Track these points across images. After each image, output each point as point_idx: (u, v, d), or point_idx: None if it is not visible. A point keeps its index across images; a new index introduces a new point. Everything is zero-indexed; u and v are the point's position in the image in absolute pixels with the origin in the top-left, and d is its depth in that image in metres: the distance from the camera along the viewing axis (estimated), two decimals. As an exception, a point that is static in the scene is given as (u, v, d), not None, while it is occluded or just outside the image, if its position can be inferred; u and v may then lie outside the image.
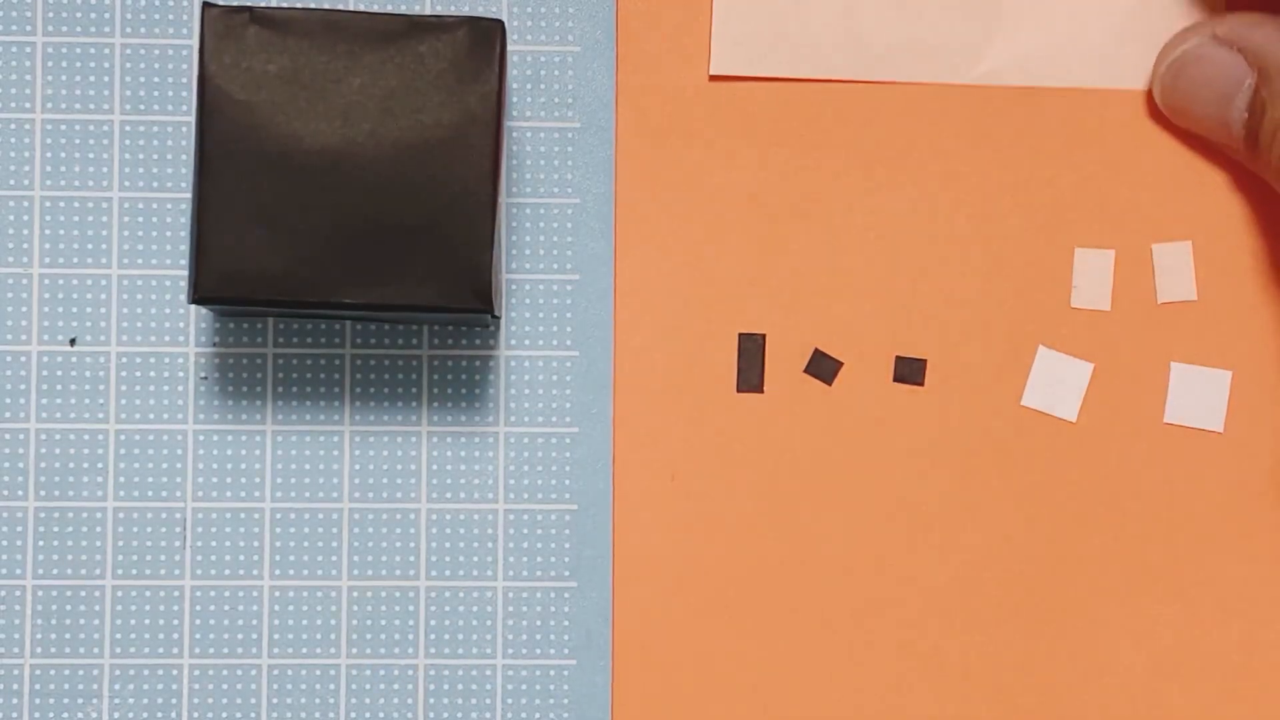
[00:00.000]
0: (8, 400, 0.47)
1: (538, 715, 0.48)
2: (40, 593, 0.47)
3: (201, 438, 0.48)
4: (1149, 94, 0.49)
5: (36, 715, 0.47)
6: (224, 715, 0.47)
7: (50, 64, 0.48)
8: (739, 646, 0.48)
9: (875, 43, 0.48)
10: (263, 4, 0.45)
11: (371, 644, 0.47)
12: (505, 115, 0.45)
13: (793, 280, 0.49)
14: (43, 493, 0.47)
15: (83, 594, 0.47)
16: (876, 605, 0.48)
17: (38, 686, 0.47)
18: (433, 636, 0.47)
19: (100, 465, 0.47)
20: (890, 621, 0.48)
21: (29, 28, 0.48)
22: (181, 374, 0.48)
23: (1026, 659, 0.49)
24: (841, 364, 0.49)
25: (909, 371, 0.49)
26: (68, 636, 0.47)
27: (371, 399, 0.48)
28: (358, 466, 0.48)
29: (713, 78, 0.47)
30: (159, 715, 0.47)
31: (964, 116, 0.49)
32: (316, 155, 0.44)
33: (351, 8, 0.49)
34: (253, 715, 0.47)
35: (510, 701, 0.47)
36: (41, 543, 0.47)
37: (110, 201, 0.48)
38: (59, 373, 0.48)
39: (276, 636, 0.47)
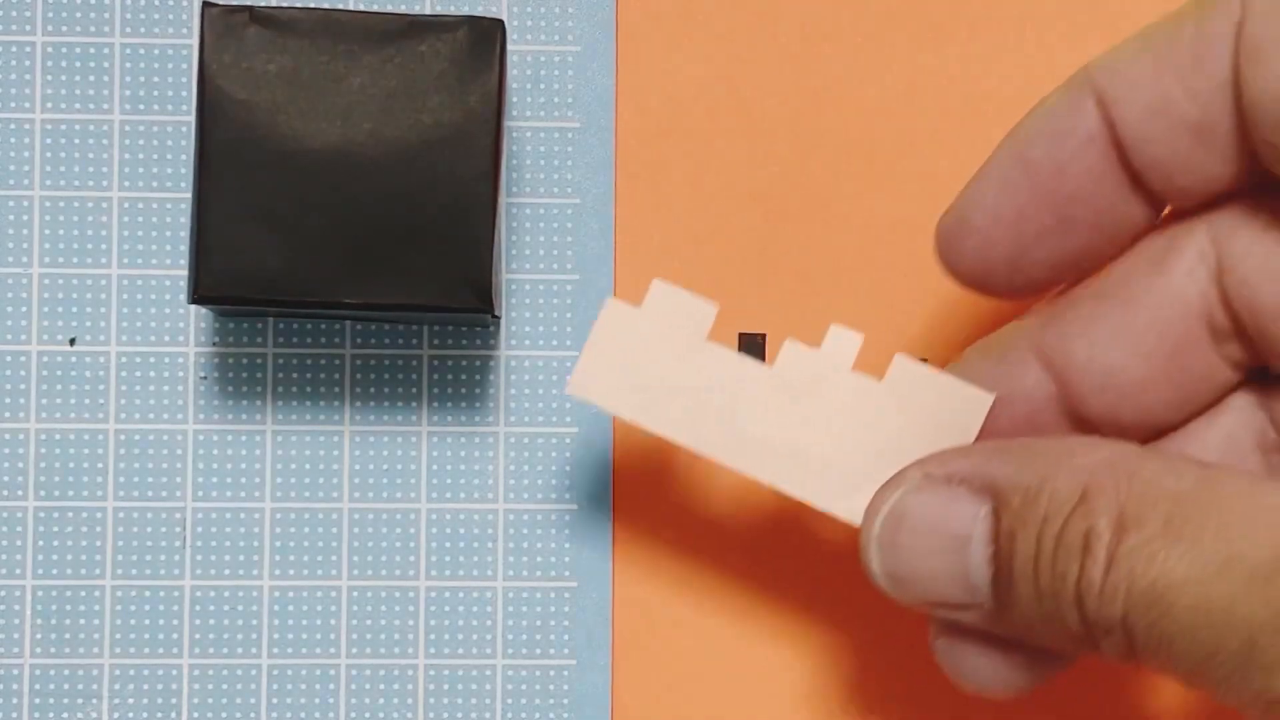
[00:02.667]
0: (8, 400, 0.47)
1: (538, 715, 0.47)
2: (40, 593, 0.47)
3: (201, 438, 0.48)
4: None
5: (36, 715, 0.47)
6: (224, 715, 0.47)
7: (50, 64, 0.48)
8: (739, 647, 0.48)
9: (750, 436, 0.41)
10: (263, 4, 0.45)
11: (371, 644, 0.47)
12: (505, 115, 0.45)
13: (793, 280, 0.49)
14: (43, 493, 0.47)
15: (83, 594, 0.47)
16: (878, 605, 0.48)
17: (38, 686, 0.47)
18: (433, 636, 0.47)
19: (100, 465, 0.47)
20: (891, 621, 0.48)
21: (29, 28, 0.48)
22: (181, 374, 0.48)
23: (1027, 659, 0.48)
24: (842, 364, 0.49)
25: (909, 371, 0.49)
26: (68, 636, 0.47)
27: (371, 399, 0.48)
28: (358, 466, 0.48)
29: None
30: (159, 715, 0.47)
31: (965, 116, 0.49)
32: (316, 155, 0.44)
33: (351, 8, 0.49)
34: (253, 715, 0.47)
35: (510, 701, 0.47)
36: (41, 543, 0.47)
37: (110, 201, 0.48)
38: (59, 373, 0.48)
39: (276, 636, 0.47)
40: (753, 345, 0.49)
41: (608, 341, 0.41)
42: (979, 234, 0.35)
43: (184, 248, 0.48)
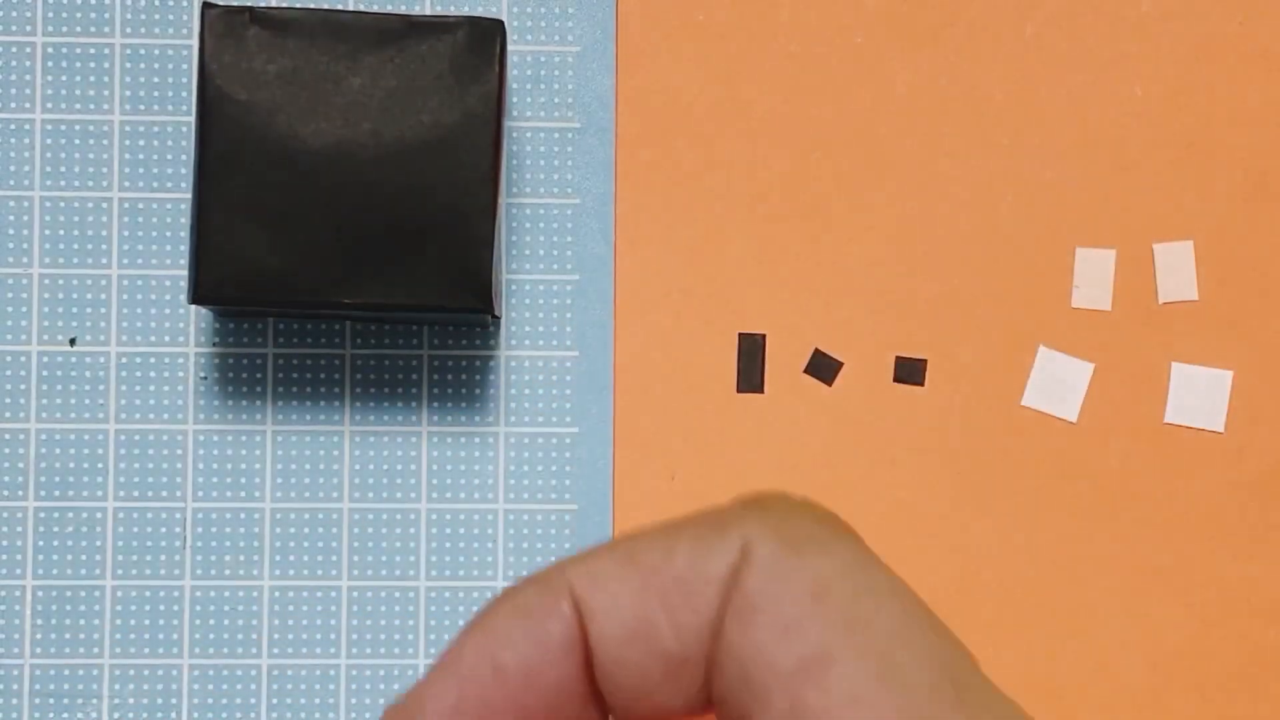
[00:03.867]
0: (8, 400, 0.47)
1: (538, 715, 0.47)
2: (40, 593, 0.47)
3: (201, 438, 0.48)
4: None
5: (36, 715, 0.47)
6: (224, 715, 0.47)
7: (50, 64, 0.48)
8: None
9: None
10: (263, 4, 0.45)
11: (371, 644, 0.47)
12: (505, 115, 0.45)
13: (793, 280, 0.49)
14: (43, 493, 0.47)
15: (83, 594, 0.47)
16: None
17: (38, 686, 0.47)
18: (432, 637, 0.47)
19: (100, 465, 0.47)
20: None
21: (29, 28, 0.48)
22: (181, 374, 0.48)
23: (1026, 658, 0.49)
24: (841, 364, 0.49)
25: (909, 371, 0.49)
26: (68, 636, 0.47)
27: (371, 399, 0.48)
28: (358, 466, 0.48)
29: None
30: (159, 715, 0.47)
31: (965, 116, 0.49)
32: (317, 155, 0.44)
33: (351, 8, 0.49)
34: (253, 715, 0.47)
35: (510, 701, 0.47)
36: (41, 543, 0.47)
37: (110, 201, 0.48)
38: (59, 373, 0.48)
39: (276, 636, 0.47)
40: (753, 345, 0.49)
41: None
42: None
43: (184, 248, 0.48)
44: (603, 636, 0.32)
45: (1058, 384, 0.49)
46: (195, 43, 0.48)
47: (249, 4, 0.45)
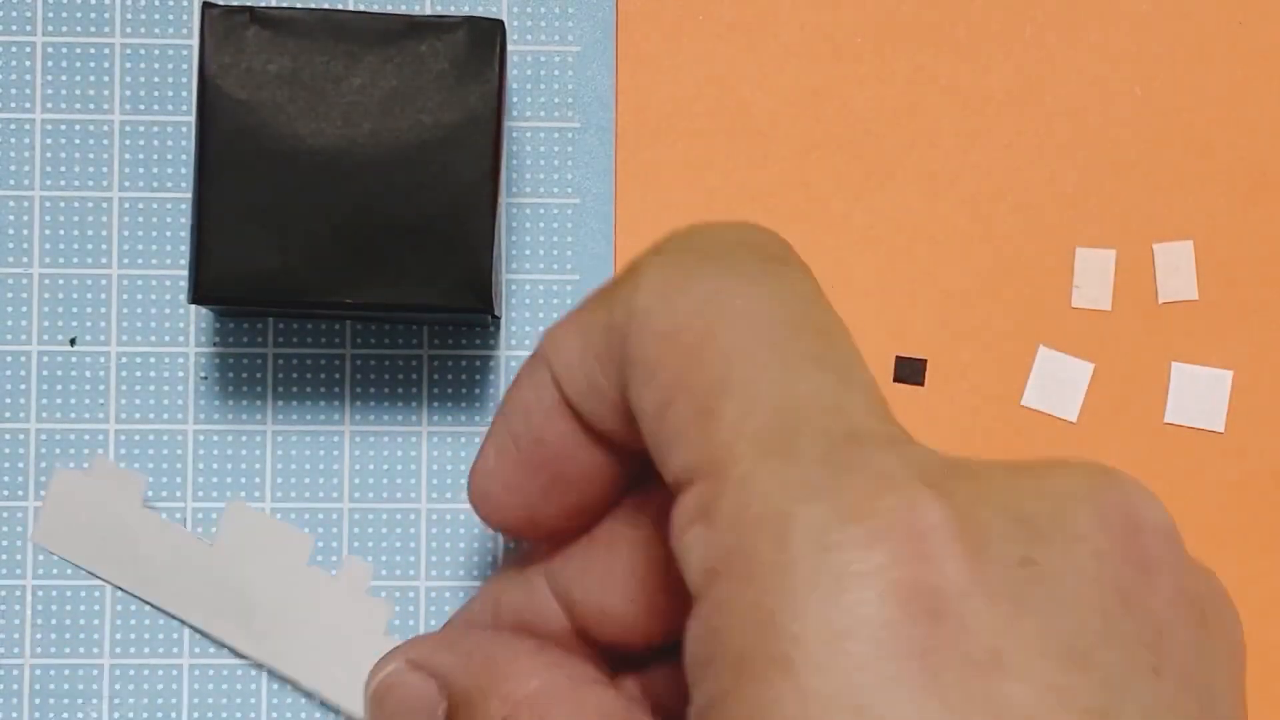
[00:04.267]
0: (8, 400, 0.47)
1: (538, 715, 0.47)
2: (40, 593, 0.47)
3: (201, 438, 0.48)
4: None
5: (36, 715, 0.47)
6: (224, 715, 0.47)
7: (50, 64, 0.48)
8: (739, 646, 0.48)
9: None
10: (263, 4, 0.45)
11: (371, 644, 0.47)
12: (505, 115, 0.45)
13: (793, 280, 0.49)
14: (43, 493, 0.47)
15: (83, 594, 0.47)
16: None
17: (38, 686, 0.47)
18: (433, 636, 0.47)
19: (100, 465, 0.47)
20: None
21: (29, 28, 0.48)
22: (181, 374, 0.48)
23: (1027, 659, 0.48)
24: (842, 364, 0.49)
25: (909, 371, 0.49)
26: (68, 636, 0.47)
27: (371, 399, 0.48)
28: (358, 466, 0.48)
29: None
30: (159, 715, 0.47)
31: (965, 116, 0.49)
32: (317, 155, 0.44)
33: (351, 8, 0.49)
34: (253, 715, 0.47)
35: (510, 701, 0.47)
36: (41, 543, 0.47)
37: (110, 201, 0.48)
38: (59, 373, 0.48)
39: (276, 636, 0.47)
40: (753, 345, 0.49)
41: (64, 502, 0.46)
42: (494, 499, 0.38)
43: (184, 248, 0.48)
44: (569, 395, 0.36)
45: (1058, 384, 0.49)
46: (195, 43, 0.48)
47: (249, 4, 0.45)
